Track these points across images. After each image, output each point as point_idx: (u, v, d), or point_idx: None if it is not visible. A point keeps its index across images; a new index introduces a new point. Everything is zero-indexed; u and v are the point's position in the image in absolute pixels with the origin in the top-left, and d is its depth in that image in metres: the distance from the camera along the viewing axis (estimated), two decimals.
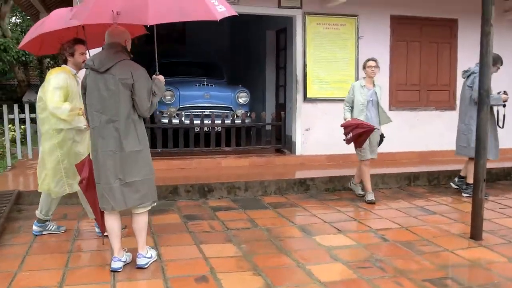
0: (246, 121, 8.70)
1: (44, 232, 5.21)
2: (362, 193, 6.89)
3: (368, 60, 6.54)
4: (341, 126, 6.45)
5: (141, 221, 4.22)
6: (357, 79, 8.72)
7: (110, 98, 3.92)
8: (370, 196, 6.59)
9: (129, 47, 4.20)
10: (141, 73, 3.96)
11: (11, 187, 6.61)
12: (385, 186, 7.62)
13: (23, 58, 15.62)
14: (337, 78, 8.71)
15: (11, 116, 8.28)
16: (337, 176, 7.49)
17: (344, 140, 6.45)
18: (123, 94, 3.90)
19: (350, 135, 6.30)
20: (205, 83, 9.12)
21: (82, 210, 5.47)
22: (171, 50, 12.43)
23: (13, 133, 9.28)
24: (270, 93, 11.30)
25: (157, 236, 5.15)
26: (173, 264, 4.36)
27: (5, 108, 8.20)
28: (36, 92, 8.58)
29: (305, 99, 8.64)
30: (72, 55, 4.86)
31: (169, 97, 8.78)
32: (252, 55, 12.42)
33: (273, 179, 7.24)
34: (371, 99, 6.48)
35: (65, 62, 4.95)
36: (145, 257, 4.22)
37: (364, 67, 6.57)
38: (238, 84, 9.58)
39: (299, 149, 8.76)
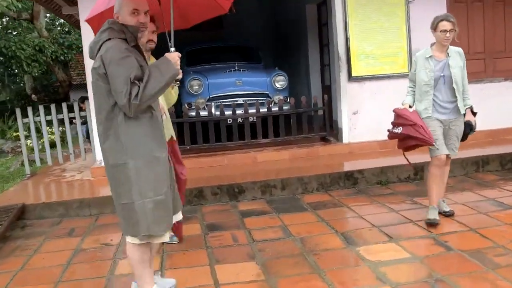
0: (285, 108, 7.68)
1: None
2: (448, 210, 4.85)
3: (441, 20, 4.45)
4: (393, 111, 4.66)
5: (128, 251, 3.23)
6: (410, 50, 7.51)
7: (94, 95, 3.02)
8: (432, 214, 4.59)
9: (130, 22, 3.02)
10: (111, 55, 2.84)
11: (18, 200, 5.92)
12: (448, 175, 6.43)
13: (62, 58, 15.22)
14: (386, 52, 7.51)
15: (59, 116, 7.54)
16: (390, 166, 6.37)
17: (388, 131, 4.68)
18: (99, 88, 2.94)
19: (399, 130, 4.51)
20: (236, 68, 8.15)
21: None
22: (207, 35, 11.61)
23: (51, 136, 8.70)
24: (315, 74, 10.19)
25: (166, 255, 4.28)
26: None
27: (53, 107, 7.47)
28: (85, 91, 7.83)
29: (350, 78, 7.51)
30: None
31: (196, 87, 7.90)
32: (292, 33, 11.31)
33: (314, 174, 6.20)
34: (442, 74, 4.48)
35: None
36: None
37: (435, 29, 4.52)
38: (274, 67, 8.53)
39: (346, 136, 7.66)
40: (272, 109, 7.62)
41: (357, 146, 7.59)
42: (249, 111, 7.51)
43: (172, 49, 3.06)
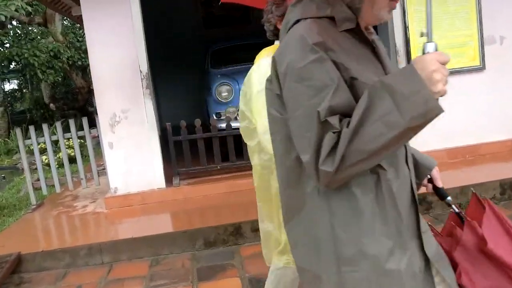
0: None
1: None
2: None
3: None
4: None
5: None
6: (481, 39, 6.18)
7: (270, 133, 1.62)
8: None
9: None
10: (290, 58, 1.39)
11: (13, 246, 4.81)
12: None
13: (79, 63, 14.20)
14: (453, 42, 6.17)
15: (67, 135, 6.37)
16: (470, 185, 5.08)
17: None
18: (274, 122, 1.54)
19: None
20: None
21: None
22: (232, 32, 10.44)
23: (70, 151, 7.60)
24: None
25: None
26: None
27: (71, 123, 6.37)
28: None
29: None
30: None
31: (225, 94, 6.70)
32: None
33: None
34: None
35: (276, 34, 2.63)
36: None
37: None
38: None
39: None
40: None
41: None
42: None
43: (431, 45, 1.32)
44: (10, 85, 20.72)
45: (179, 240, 4.68)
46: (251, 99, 2.51)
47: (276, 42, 2.53)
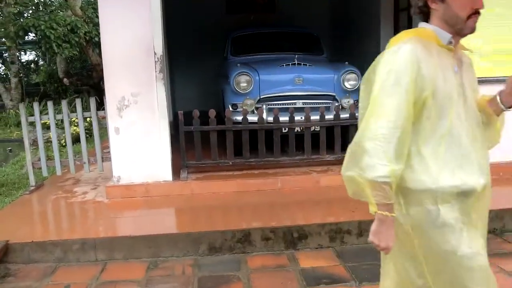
0: (357, 114, 5.95)
1: None
2: None
3: None
4: None
5: None
6: None
7: None
8: None
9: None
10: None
11: (3, 232, 4.41)
12: None
13: (96, 39, 13.78)
14: (500, 48, 5.65)
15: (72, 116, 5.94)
16: (508, 209, 4.60)
17: None
18: None
19: None
20: (296, 62, 6.41)
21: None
22: (256, 20, 10.03)
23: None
24: None
25: None
26: None
27: (78, 102, 5.92)
28: None
29: None
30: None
31: (244, 84, 6.22)
32: (361, 20, 9.45)
33: None
34: None
35: (425, 15, 2.06)
36: None
37: None
38: (343, 61, 6.76)
39: None
40: (341, 115, 5.90)
41: None
42: (312, 118, 5.81)
43: None
44: (28, 57, 20.41)
45: (182, 242, 4.24)
46: (373, 90, 1.94)
47: (422, 24, 2.02)
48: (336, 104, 6.23)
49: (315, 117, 5.84)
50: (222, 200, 5.21)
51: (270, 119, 5.86)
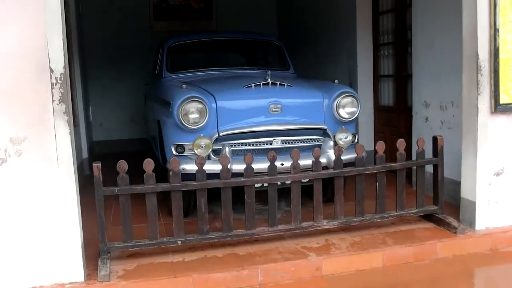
0: (363, 154, 3.99)
1: None
2: None
3: None
4: None
5: None
6: None
7: None
8: None
9: None
10: None
11: None
12: None
13: None
14: None
15: None
16: None
17: None
18: None
19: None
20: (269, 81, 4.36)
21: None
22: (192, 27, 8.29)
23: None
24: (365, 92, 6.47)
25: None
26: None
27: None
28: None
29: (497, 107, 3.90)
30: None
31: (195, 116, 4.07)
32: (328, 26, 7.49)
33: None
34: None
35: None
36: None
37: None
38: (308, 78, 4.79)
39: (483, 218, 4.00)
40: (343, 157, 3.94)
41: (503, 238, 3.98)
42: (301, 163, 3.81)
43: None
44: None
45: None
46: None
47: None
48: (331, 142, 4.26)
49: (306, 161, 3.85)
50: None
51: (238, 167, 3.81)
